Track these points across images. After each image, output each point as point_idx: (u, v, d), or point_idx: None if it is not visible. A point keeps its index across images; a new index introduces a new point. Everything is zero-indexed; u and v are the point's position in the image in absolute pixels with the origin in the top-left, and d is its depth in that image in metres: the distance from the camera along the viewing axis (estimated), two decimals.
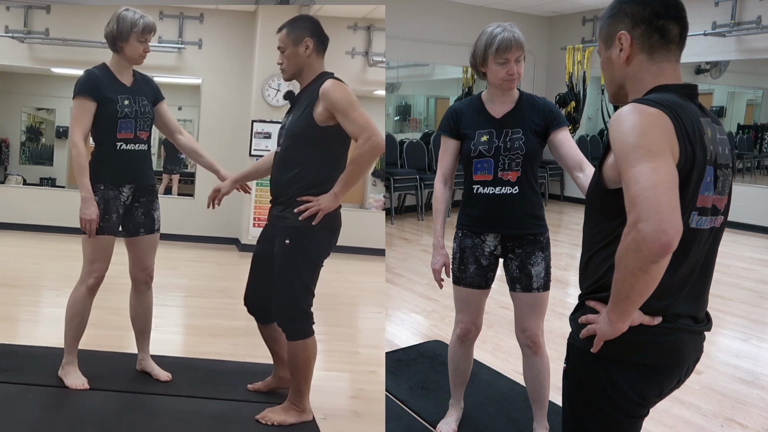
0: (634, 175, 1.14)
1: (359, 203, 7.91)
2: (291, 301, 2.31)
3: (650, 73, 1.32)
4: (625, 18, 1.33)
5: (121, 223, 2.62)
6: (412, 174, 7.72)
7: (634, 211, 1.13)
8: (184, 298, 4.45)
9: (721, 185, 1.32)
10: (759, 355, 3.64)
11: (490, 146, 2.27)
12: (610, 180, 1.30)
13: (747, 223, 7.27)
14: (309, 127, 2.27)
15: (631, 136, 1.18)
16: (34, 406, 2.39)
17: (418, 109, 9.56)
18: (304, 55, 2.33)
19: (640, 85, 1.33)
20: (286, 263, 2.30)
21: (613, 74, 1.39)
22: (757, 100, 8.42)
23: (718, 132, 1.33)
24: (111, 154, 2.55)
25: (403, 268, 5.41)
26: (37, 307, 4.01)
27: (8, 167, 7.78)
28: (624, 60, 1.34)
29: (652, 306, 1.29)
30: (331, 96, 2.23)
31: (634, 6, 1.32)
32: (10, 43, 6.36)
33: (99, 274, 2.55)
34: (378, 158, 2.32)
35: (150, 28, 2.55)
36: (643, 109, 1.21)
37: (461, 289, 2.42)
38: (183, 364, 2.93)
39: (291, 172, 2.30)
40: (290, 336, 2.33)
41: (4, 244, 5.83)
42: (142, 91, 2.63)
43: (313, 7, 6.19)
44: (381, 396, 2.88)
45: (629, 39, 1.32)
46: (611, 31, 1.36)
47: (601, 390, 1.36)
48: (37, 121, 8.08)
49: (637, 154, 1.16)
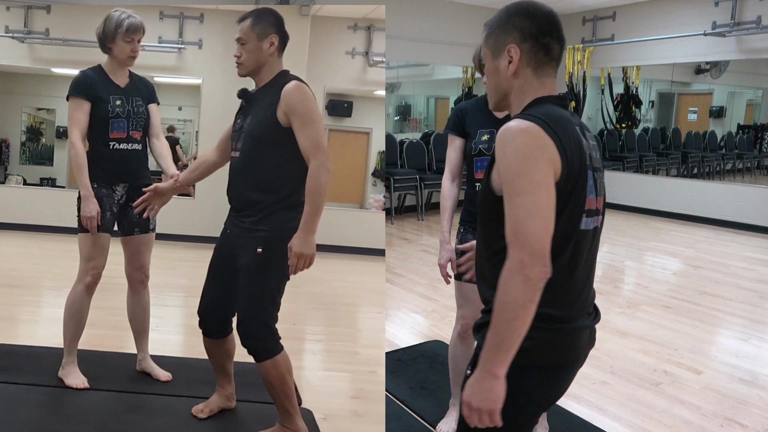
0: (517, 206, 1.22)
1: (359, 203, 7.91)
2: (258, 319, 2.13)
3: (533, 87, 1.38)
4: (514, 31, 1.37)
5: (117, 221, 2.63)
6: (412, 174, 7.72)
7: (516, 244, 1.21)
8: (184, 298, 4.45)
9: (599, 187, 1.41)
10: (759, 355, 3.64)
11: (489, 145, 2.32)
12: (497, 189, 1.32)
13: (747, 223, 7.27)
14: (274, 129, 2.09)
15: (516, 162, 1.24)
16: (34, 406, 2.39)
17: (418, 109, 9.55)
18: (267, 51, 2.14)
19: (524, 97, 1.39)
20: (256, 274, 2.11)
21: (499, 84, 1.42)
22: (757, 100, 8.42)
23: (590, 138, 1.41)
24: (104, 153, 2.56)
25: (403, 268, 5.41)
26: (37, 307, 4.00)
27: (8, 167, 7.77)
28: (512, 72, 1.38)
29: (562, 310, 1.34)
30: (292, 99, 2.06)
31: (522, 20, 1.36)
32: (10, 43, 6.36)
33: (96, 272, 2.55)
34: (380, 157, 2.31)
35: (135, 28, 2.52)
36: (527, 129, 1.25)
37: (462, 285, 2.45)
38: (183, 364, 2.93)
39: (257, 179, 2.12)
40: (259, 357, 2.15)
41: (4, 244, 5.83)
42: (138, 92, 2.64)
43: (313, 7, 6.19)
44: (381, 396, 2.88)
45: (519, 52, 1.36)
46: (500, 41, 1.39)
47: (512, 398, 1.30)
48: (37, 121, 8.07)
49: (521, 183, 1.22)
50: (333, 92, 7.25)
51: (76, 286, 2.55)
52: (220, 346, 2.36)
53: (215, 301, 2.28)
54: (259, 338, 2.14)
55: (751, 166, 8.37)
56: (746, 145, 8.22)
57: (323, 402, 2.70)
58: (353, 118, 7.73)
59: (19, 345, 3.01)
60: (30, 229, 6.30)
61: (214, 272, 2.28)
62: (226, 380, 2.46)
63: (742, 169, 8.36)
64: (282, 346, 2.20)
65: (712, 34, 7.29)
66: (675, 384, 3.18)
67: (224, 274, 2.24)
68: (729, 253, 6.28)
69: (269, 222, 2.11)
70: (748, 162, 8.34)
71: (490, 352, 1.25)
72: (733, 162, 8.45)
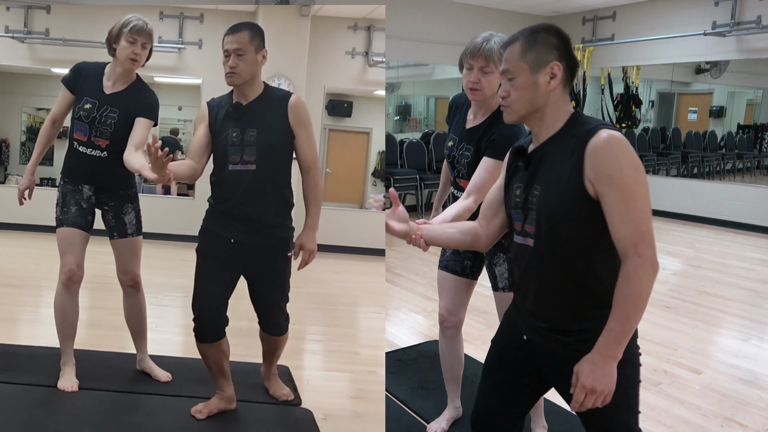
0: (637, 210, 1.36)
1: (359, 203, 7.91)
2: (284, 313, 2.46)
3: (564, 102, 1.50)
4: (554, 49, 1.46)
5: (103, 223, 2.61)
6: (412, 174, 7.72)
7: (643, 243, 1.35)
8: (184, 298, 4.44)
9: None
10: (759, 355, 3.64)
11: (449, 153, 2.35)
12: (593, 193, 1.41)
13: (747, 223, 7.27)
14: (288, 140, 2.25)
15: (633, 170, 1.37)
16: (34, 406, 2.39)
17: (418, 109, 9.55)
18: (260, 64, 2.24)
19: (560, 111, 1.49)
20: (285, 273, 2.36)
21: (535, 98, 1.48)
22: (757, 99, 8.42)
23: None
24: (69, 151, 2.57)
25: (403, 268, 5.41)
26: (37, 307, 4.00)
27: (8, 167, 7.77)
28: (552, 88, 1.47)
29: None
30: (301, 111, 2.25)
31: (559, 41, 1.47)
32: (10, 43, 6.36)
33: (68, 268, 2.48)
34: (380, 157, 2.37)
35: (139, 29, 2.44)
36: (626, 140, 1.39)
37: (439, 272, 2.49)
38: (183, 364, 2.93)
39: (279, 188, 2.28)
40: (283, 331, 2.51)
41: (4, 244, 5.83)
42: (121, 103, 2.49)
43: (313, 7, 6.19)
44: (381, 396, 2.88)
45: (561, 70, 1.46)
46: (541, 58, 1.46)
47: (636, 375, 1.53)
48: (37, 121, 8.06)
49: (639, 189, 1.36)
50: (333, 92, 7.25)
51: (57, 284, 2.54)
52: (216, 347, 2.36)
53: (217, 303, 2.31)
54: (284, 326, 2.49)
55: (751, 166, 8.37)
56: (746, 145, 8.22)
57: (323, 402, 2.70)
58: (353, 118, 7.73)
59: (19, 345, 3.00)
60: (30, 229, 6.30)
61: (216, 277, 2.29)
62: (225, 381, 2.46)
63: (742, 169, 8.36)
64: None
65: (712, 34, 7.28)
66: (675, 384, 3.17)
67: (225, 281, 2.30)
68: (729, 253, 6.28)
69: (287, 227, 2.34)
70: (748, 162, 8.34)
71: (616, 338, 1.37)
72: (733, 162, 8.45)
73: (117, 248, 2.64)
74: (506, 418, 1.70)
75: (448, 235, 1.70)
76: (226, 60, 2.22)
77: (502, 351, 1.71)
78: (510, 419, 1.70)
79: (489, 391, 1.72)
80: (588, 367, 1.39)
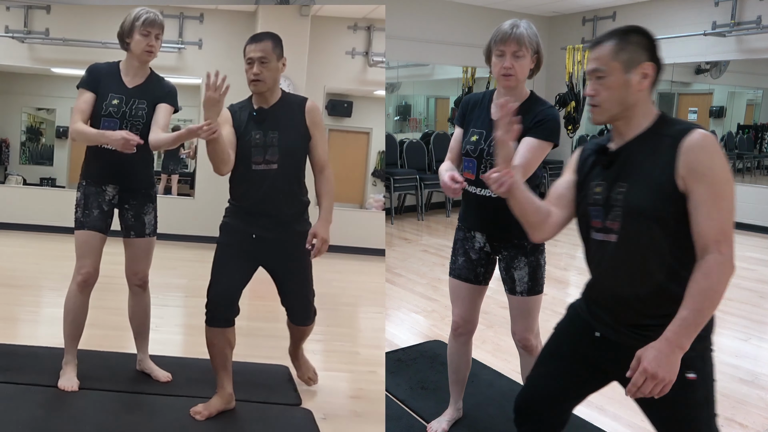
0: (723, 209, 1.40)
1: (359, 203, 7.91)
2: (312, 303, 2.59)
3: (651, 103, 1.53)
4: (645, 50, 1.49)
5: (120, 222, 2.61)
6: (412, 174, 7.71)
7: (725, 241, 1.39)
8: (184, 298, 4.45)
9: None
10: (759, 355, 3.64)
11: (476, 147, 2.24)
12: (683, 189, 1.44)
13: (747, 223, 7.26)
14: (306, 142, 2.40)
15: (723, 169, 1.41)
16: (35, 406, 2.39)
17: (418, 109, 9.55)
18: (280, 71, 2.36)
19: (648, 110, 1.53)
20: (308, 264, 2.49)
21: (627, 97, 1.51)
22: (757, 100, 8.42)
23: None
24: (95, 150, 2.51)
25: (403, 268, 5.41)
26: (37, 307, 4.00)
27: (8, 167, 7.77)
28: (643, 87, 1.50)
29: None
30: (317, 116, 2.41)
31: (649, 42, 1.51)
32: (10, 43, 6.35)
33: (86, 270, 2.49)
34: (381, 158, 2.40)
35: (150, 21, 2.49)
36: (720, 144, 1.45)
37: (451, 280, 2.46)
38: (183, 364, 2.93)
39: (298, 187, 2.43)
40: (311, 321, 2.65)
41: (4, 244, 5.83)
42: (145, 95, 2.54)
43: (313, 7, 6.19)
44: (381, 396, 2.88)
45: (654, 69, 1.50)
46: (635, 57, 1.49)
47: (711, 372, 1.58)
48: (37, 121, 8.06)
49: (728, 189, 1.41)
50: (333, 92, 7.25)
51: (70, 285, 2.54)
52: (223, 335, 2.39)
53: (231, 292, 2.37)
54: (311, 316, 2.63)
55: (751, 166, 8.37)
56: (746, 145, 8.22)
57: (323, 402, 2.70)
58: (353, 118, 7.73)
59: (19, 345, 3.01)
60: (30, 229, 6.30)
61: (235, 266, 2.37)
62: (226, 377, 2.45)
63: (742, 169, 8.36)
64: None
65: (712, 34, 7.29)
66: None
67: (243, 270, 2.40)
68: None
69: (305, 221, 2.46)
70: (748, 162, 8.34)
71: (687, 329, 1.39)
72: (733, 162, 8.45)
73: (131, 247, 2.64)
74: (554, 406, 1.71)
75: (530, 198, 1.64)
76: (249, 68, 2.30)
77: (567, 341, 1.72)
78: (558, 410, 1.72)
79: (544, 377, 1.72)
80: (653, 353, 1.39)
